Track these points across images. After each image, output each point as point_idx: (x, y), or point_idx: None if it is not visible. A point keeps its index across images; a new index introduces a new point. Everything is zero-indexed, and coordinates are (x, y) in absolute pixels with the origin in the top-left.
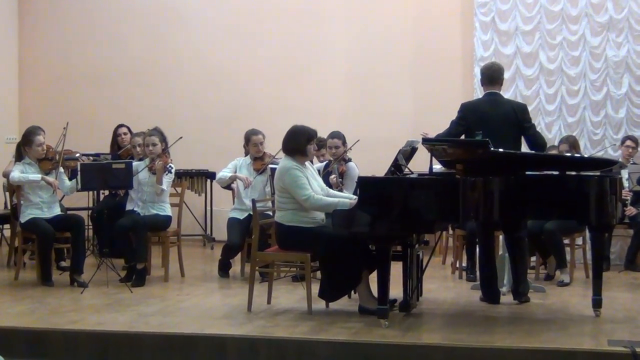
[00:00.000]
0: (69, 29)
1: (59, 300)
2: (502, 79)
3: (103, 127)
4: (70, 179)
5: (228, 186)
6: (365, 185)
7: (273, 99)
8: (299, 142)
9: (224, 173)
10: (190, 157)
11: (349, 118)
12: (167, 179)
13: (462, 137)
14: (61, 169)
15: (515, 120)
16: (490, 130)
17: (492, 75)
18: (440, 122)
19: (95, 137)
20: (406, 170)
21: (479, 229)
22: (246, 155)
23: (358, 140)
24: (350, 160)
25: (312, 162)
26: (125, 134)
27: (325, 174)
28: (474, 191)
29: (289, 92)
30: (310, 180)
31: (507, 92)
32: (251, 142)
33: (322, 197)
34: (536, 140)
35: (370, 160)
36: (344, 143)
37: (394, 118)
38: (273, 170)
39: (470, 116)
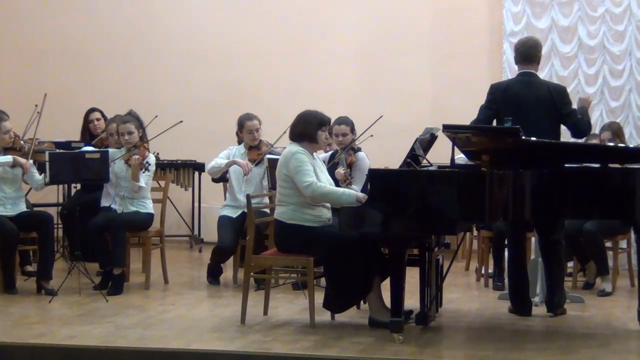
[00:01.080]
0: None
1: (23, 311)
2: (539, 56)
3: (79, 112)
4: (40, 173)
5: (221, 177)
6: (377, 178)
7: (271, 79)
8: (310, 126)
9: (218, 160)
10: (176, 146)
11: (358, 101)
12: (146, 176)
13: (494, 123)
14: (31, 161)
15: (551, 104)
16: (522, 115)
17: (527, 52)
18: (463, 105)
19: (70, 123)
20: (424, 161)
21: (508, 230)
22: (239, 143)
23: (381, 117)
24: (359, 149)
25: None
26: (98, 119)
27: (330, 166)
28: (502, 186)
29: (289, 72)
30: (317, 171)
31: (541, 72)
32: (245, 128)
33: (325, 185)
34: (577, 128)
35: (383, 150)
36: (353, 130)
37: (410, 101)
38: (271, 161)
39: (500, 99)
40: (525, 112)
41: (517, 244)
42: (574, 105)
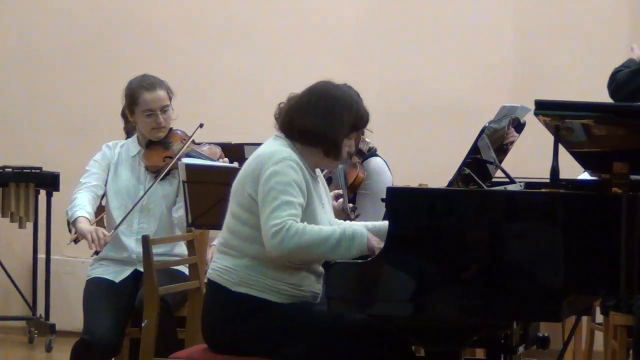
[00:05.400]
0: None
1: None
2: None
3: None
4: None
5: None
6: (403, 206)
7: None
8: (337, 122)
9: (77, 200)
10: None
11: (378, 65)
12: None
13: None
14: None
15: None
16: None
17: None
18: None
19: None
20: (497, 172)
21: None
22: (128, 136)
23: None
24: (373, 153)
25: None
26: None
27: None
28: None
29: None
30: (315, 205)
31: None
32: (140, 105)
33: (306, 226)
34: None
35: (418, 151)
36: None
37: (470, 66)
38: (191, 168)
39: None
40: None
41: None
42: None
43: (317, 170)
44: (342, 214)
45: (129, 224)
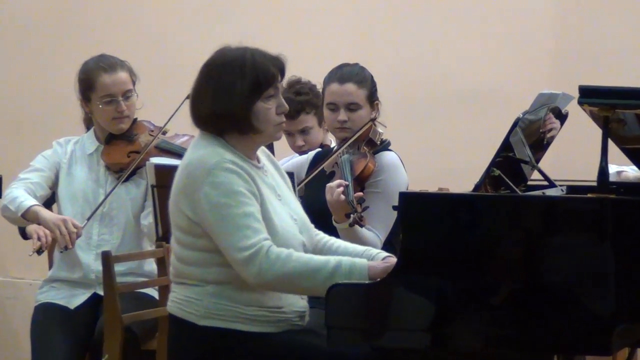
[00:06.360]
0: None
1: None
2: None
3: None
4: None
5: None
6: (418, 213)
7: None
8: (230, 95)
9: (15, 192)
10: None
11: (387, 44)
12: None
13: None
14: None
15: None
16: None
17: None
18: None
19: None
20: (532, 173)
21: None
22: (87, 129)
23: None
24: (385, 146)
25: (270, 150)
26: None
27: (314, 182)
28: None
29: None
30: (268, 207)
31: None
32: (98, 90)
33: (292, 254)
34: None
35: (436, 148)
36: (372, 98)
37: (499, 44)
38: (161, 171)
39: None
40: None
41: None
42: None
43: (264, 157)
44: (347, 207)
45: (86, 236)
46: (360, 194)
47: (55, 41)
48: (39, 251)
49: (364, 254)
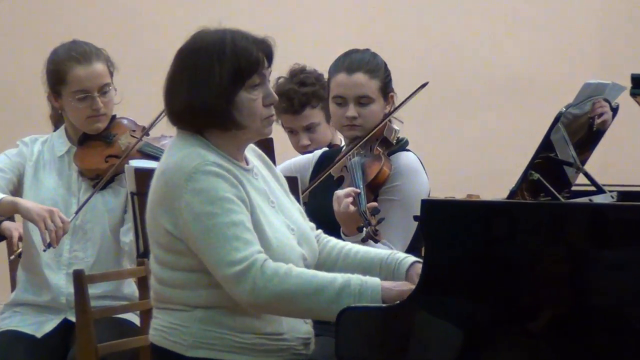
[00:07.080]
0: None
1: None
2: None
3: None
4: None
5: None
6: (443, 224)
7: None
8: (209, 85)
9: None
10: None
11: (408, 30)
12: None
13: None
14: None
15: None
16: None
17: None
18: None
19: None
20: (577, 176)
21: None
22: (56, 128)
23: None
24: (403, 146)
25: (270, 151)
26: None
27: (319, 188)
28: None
29: None
30: (259, 215)
31: None
32: (71, 84)
33: (292, 269)
34: None
35: (464, 149)
36: (385, 89)
37: (539, 30)
38: (142, 173)
39: None
40: None
41: None
42: None
43: (251, 157)
44: (358, 219)
45: (56, 253)
46: (375, 204)
47: (18, 24)
48: (20, 254)
49: (388, 258)
